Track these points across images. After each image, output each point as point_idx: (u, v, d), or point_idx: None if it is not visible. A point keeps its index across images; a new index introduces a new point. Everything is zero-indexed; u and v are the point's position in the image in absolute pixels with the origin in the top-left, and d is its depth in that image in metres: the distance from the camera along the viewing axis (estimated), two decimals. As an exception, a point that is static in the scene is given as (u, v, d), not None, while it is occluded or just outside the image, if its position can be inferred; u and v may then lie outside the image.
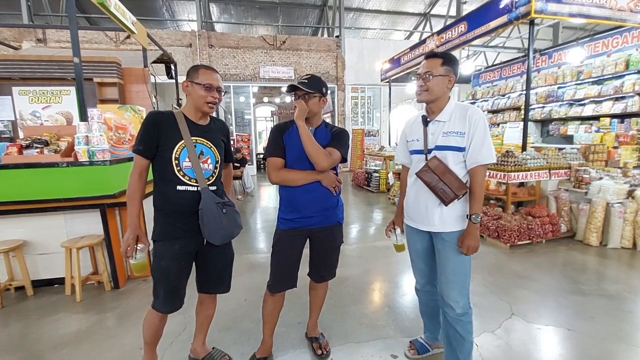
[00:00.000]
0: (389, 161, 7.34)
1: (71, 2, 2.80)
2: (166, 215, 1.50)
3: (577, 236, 3.78)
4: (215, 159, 1.56)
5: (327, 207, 1.64)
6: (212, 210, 1.47)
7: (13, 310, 2.43)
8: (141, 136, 1.45)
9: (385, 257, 3.40)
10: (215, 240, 1.50)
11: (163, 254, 1.49)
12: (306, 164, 1.57)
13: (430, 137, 1.52)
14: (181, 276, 1.55)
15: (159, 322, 1.59)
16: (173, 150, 1.44)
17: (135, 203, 1.48)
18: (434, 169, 1.46)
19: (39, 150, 2.69)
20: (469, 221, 1.46)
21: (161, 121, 1.46)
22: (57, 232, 2.66)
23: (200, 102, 1.48)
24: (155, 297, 1.54)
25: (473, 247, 1.44)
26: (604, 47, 6.14)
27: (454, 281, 1.51)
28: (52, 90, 4.20)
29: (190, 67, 1.52)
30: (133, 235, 1.46)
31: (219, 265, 1.66)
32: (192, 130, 1.49)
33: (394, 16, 13.74)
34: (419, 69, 1.52)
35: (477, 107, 1.44)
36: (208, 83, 1.46)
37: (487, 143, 1.43)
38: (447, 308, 1.54)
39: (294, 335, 2.05)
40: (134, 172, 1.47)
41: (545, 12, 3.89)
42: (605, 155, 4.43)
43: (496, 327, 2.10)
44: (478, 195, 1.46)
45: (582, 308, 2.31)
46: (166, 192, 1.48)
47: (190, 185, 1.47)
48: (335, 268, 1.81)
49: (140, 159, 1.46)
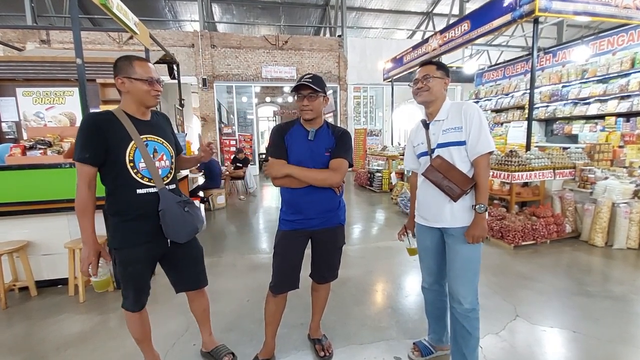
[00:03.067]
0: (392, 161, 7.32)
1: (74, 4, 2.80)
2: (129, 222, 1.41)
3: (582, 236, 3.74)
4: (169, 154, 1.51)
5: (329, 209, 1.63)
6: (173, 211, 1.43)
7: (17, 310, 2.45)
8: (84, 142, 1.31)
9: (387, 257, 3.38)
10: (181, 239, 1.48)
11: (129, 261, 1.44)
12: (308, 165, 1.55)
13: (432, 138, 1.59)
14: (148, 276, 1.54)
15: (140, 316, 1.57)
16: (125, 153, 1.35)
17: (90, 217, 1.35)
18: (437, 167, 1.51)
19: (42, 151, 2.71)
20: (474, 211, 1.49)
21: (103, 123, 1.34)
22: (61, 233, 2.67)
23: (144, 96, 1.40)
24: (125, 298, 1.52)
25: (477, 237, 1.47)
26: (610, 45, 6.08)
27: (462, 276, 1.54)
28: (56, 91, 4.22)
29: (117, 60, 1.38)
30: (94, 252, 1.36)
31: (190, 261, 1.65)
32: (139, 127, 1.40)
33: (397, 15, 13.68)
34: (415, 76, 1.59)
35: (478, 104, 1.52)
36: (149, 77, 1.38)
37: (483, 133, 1.47)
38: (455, 303, 1.55)
39: (296, 336, 2.04)
40: (81, 184, 1.33)
41: (549, 10, 3.85)
42: (611, 154, 4.38)
43: (500, 328, 2.08)
44: (481, 186, 1.49)
45: (587, 310, 2.29)
46: (125, 199, 1.39)
47: (150, 187, 1.42)
48: (337, 269, 1.80)
49: (87, 168, 1.32)
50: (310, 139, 1.57)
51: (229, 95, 11.44)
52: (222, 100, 11.42)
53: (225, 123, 11.28)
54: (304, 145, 1.57)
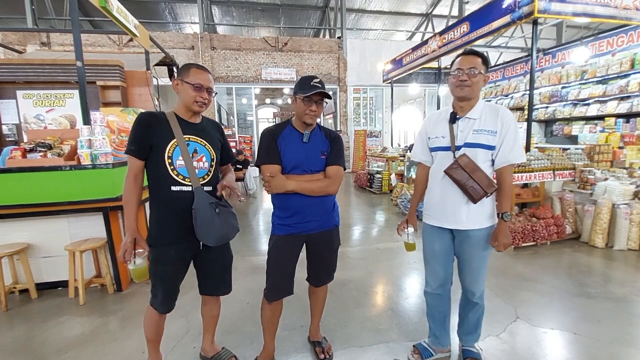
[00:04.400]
0: (391, 162, 7.32)
1: (74, 7, 2.81)
2: (161, 218, 1.47)
3: (582, 238, 3.74)
4: (210, 156, 1.53)
5: (324, 211, 1.61)
6: (205, 210, 1.43)
7: (17, 313, 2.44)
8: (133, 137, 1.43)
9: (388, 259, 3.38)
10: (209, 242, 1.47)
11: (159, 259, 1.48)
12: (305, 169, 1.55)
13: (460, 134, 1.51)
14: (178, 279, 1.55)
15: (159, 318, 1.60)
16: (165, 149, 1.42)
17: (132, 206, 1.45)
18: (464, 166, 1.45)
19: (43, 153, 2.71)
20: (500, 219, 1.49)
21: (152, 121, 1.43)
22: (61, 235, 2.67)
23: (189, 101, 1.45)
24: (154, 296, 1.55)
25: (507, 244, 1.50)
26: (609, 46, 6.09)
27: (477, 274, 1.61)
28: (56, 93, 4.24)
29: (182, 65, 1.51)
30: (130, 240, 1.43)
31: (217, 267, 1.65)
32: (184, 128, 1.46)
33: (396, 17, 13.72)
34: (458, 63, 1.48)
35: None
36: (198, 83, 1.43)
37: (518, 143, 1.47)
38: (469, 294, 1.68)
39: (296, 339, 2.03)
40: (129, 175, 1.44)
41: (548, 11, 3.86)
42: (611, 155, 4.37)
43: (501, 330, 2.08)
44: (508, 194, 1.50)
45: (588, 311, 2.28)
46: (160, 193, 1.45)
47: (184, 185, 1.45)
48: (334, 271, 1.79)
49: (134, 160, 1.43)
50: (305, 141, 1.56)
51: (228, 96, 11.47)
52: (222, 102, 11.45)
53: (225, 125, 11.30)
54: (299, 148, 1.55)
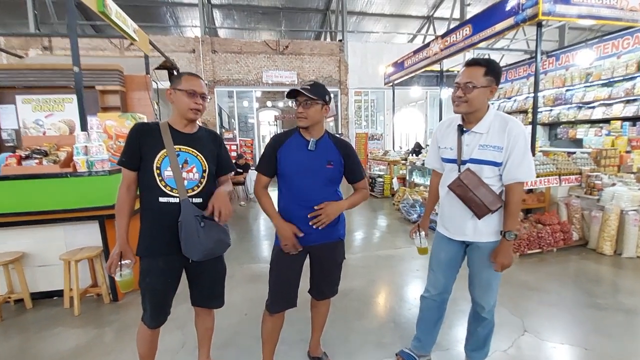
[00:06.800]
0: (393, 166, 7.25)
1: (72, 13, 2.78)
2: (149, 229, 1.45)
3: (589, 244, 3.65)
4: (202, 167, 1.48)
5: (329, 223, 1.56)
6: (189, 223, 1.38)
7: (12, 323, 2.40)
8: (125, 147, 1.44)
9: (389, 266, 3.31)
10: (193, 256, 1.42)
11: (147, 271, 1.45)
12: (306, 177, 1.50)
13: (465, 149, 1.46)
14: (167, 292, 1.50)
15: (152, 334, 1.55)
16: (154, 160, 1.40)
17: (124, 216, 1.44)
18: (466, 183, 1.40)
19: (38, 160, 2.66)
20: (503, 238, 1.43)
21: (144, 131, 1.43)
22: (57, 244, 2.62)
23: (183, 108, 1.43)
24: (144, 310, 1.51)
25: (507, 265, 1.44)
26: (614, 48, 6.00)
27: (487, 287, 1.56)
28: (55, 98, 4.20)
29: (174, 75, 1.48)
30: (118, 251, 1.42)
31: (208, 281, 1.60)
32: (175, 138, 1.44)
33: (397, 19, 13.68)
34: (457, 76, 1.41)
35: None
36: (191, 89, 1.41)
37: (526, 160, 1.37)
38: (478, 308, 1.61)
39: (295, 353, 1.97)
40: (122, 185, 1.45)
41: (553, 13, 3.79)
42: (618, 160, 4.30)
43: (509, 345, 2.00)
44: (513, 212, 1.42)
45: (598, 324, 2.20)
46: (149, 204, 1.44)
47: (172, 197, 1.41)
48: (337, 285, 1.73)
49: (126, 171, 1.44)
50: (311, 149, 1.51)
51: (229, 99, 11.46)
52: (223, 105, 11.43)
53: (226, 128, 11.28)
54: (303, 155, 1.51)
